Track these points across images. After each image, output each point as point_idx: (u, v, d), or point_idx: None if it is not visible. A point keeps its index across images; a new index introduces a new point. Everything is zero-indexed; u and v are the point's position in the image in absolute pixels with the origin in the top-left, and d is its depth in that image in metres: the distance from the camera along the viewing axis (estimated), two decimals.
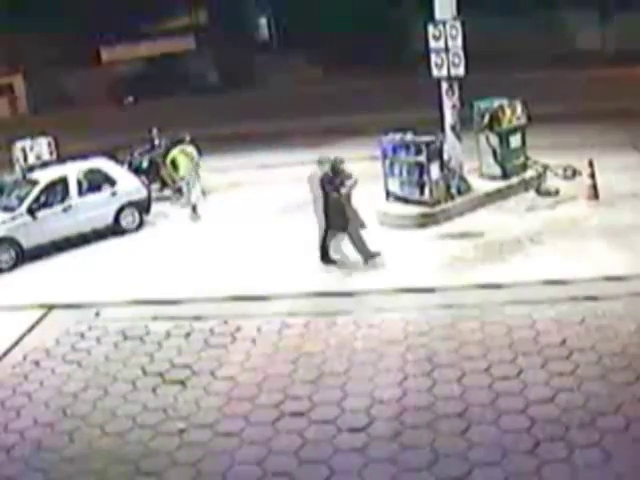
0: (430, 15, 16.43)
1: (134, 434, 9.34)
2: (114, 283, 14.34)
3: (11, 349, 11.91)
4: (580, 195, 16.25)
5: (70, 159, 18.10)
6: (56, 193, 16.81)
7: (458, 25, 16.02)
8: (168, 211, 19.15)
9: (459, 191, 16.32)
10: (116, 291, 13.88)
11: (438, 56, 16.21)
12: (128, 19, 39.62)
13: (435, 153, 15.83)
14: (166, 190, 20.21)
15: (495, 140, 17.30)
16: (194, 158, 19.00)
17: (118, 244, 16.96)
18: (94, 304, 13.29)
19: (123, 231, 17.53)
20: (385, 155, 16.44)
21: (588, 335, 10.40)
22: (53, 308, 13.33)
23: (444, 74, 16.22)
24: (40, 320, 12.91)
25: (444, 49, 16.06)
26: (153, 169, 20.29)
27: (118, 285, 14.21)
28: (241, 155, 24.22)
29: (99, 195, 17.38)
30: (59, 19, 37.53)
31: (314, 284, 13.14)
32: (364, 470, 8.20)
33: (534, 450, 8.16)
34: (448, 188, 16.09)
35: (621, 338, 10.22)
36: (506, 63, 31.33)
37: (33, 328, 12.63)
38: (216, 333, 11.70)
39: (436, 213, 15.76)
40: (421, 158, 15.79)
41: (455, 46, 15.98)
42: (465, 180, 16.66)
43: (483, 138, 17.44)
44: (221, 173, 20.80)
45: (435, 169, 15.78)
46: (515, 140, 17.45)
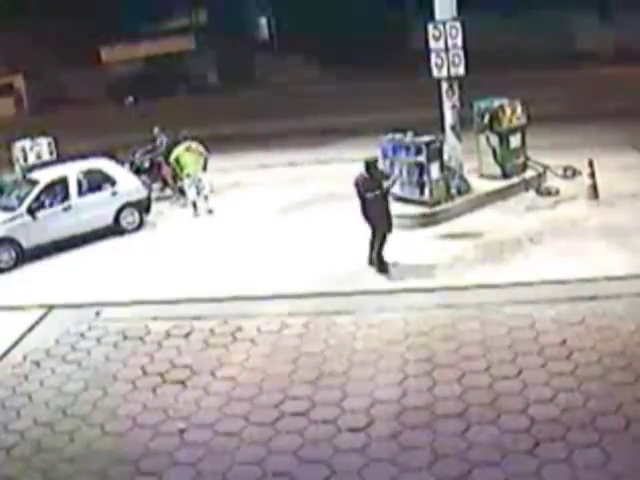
0: (430, 15, 16.45)
1: (134, 434, 9.34)
2: (114, 283, 14.34)
3: (11, 349, 11.91)
4: (580, 195, 16.25)
5: (70, 159, 18.12)
6: (56, 193, 16.81)
7: (458, 25, 16.03)
8: (168, 211, 19.15)
9: (459, 191, 16.33)
10: (116, 291, 13.89)
11: (438, 56, 16.21)
12: (128, 19, 39.64)
13: (435, 153, 15.83)
14: (167, 190, 20.22)
15: (495, 140, 17.30)
16: (202, 154, 18.95)
17: (118, 244, 16.96)
18: (94, 304, 13.28)
19: (123, 231, 17.53)
20: (385, 155, 16.44)
21: (588, 335, 10.39)
22: (53, 308, 13.32)
23: (444, 74, 16.22)
24: (40, 320, 12.90)
25: (444, 49, 16.07)
26: (154, 169, 20.30)
27: (118, 285, 14.21)
28: (241, 155, 24.22)
29: (99, 195, 17.37)
30: (59, 19, 37.56)
31: (314, 284, 13.14)
32: (364, 470, 8.20)
33: (534, 450, 8.16)
34: (448, 188, 16.10)
35: (621, 338, 10.21)
36: (506, 63, 31.36)
37: (33, 328, 12.62)
38: (216, 333, 11.69)
39: (436, 213, 15.76)
40: (421, 158, 15.80)
41: (455, 46, 15.99)
42: (465, 180, 16.66)
43: (483, 138, 17.44)
44: (221, 173, 20.77)
45: (435, 169, 15.79)
46: (515, 140, 17.45)
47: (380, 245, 13.36)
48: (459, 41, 15.98)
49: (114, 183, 17.58)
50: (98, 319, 12.71)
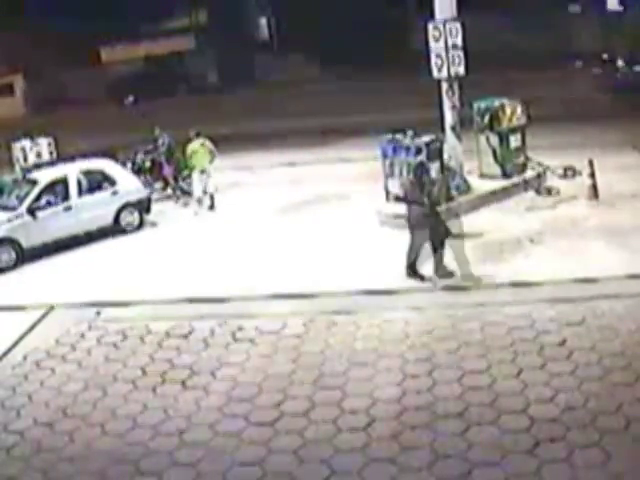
0: (430, 15, 16.44)
1: (134, 434, 9.34)
2: (114, 283, 14.33)
3: (11, 349, 11.90)
4: (580, 195, 16.26)
5: (70, 159, 18.11)
6: (56, 193, 16.81)
7: (458, 25, 16.03)
8: (169, 211, 19.15)
9: (459, 191, 16.32)
10: (116, 291, 13.87)
11: (438, 56, 16.20)
12: (128, 19, 39.63)
13: (435, 153, 15.83)
14: (168, 189, 20.23)
15: (495, 140, 17.30)
16: (212, 152, 19.03)
17: (118, 244, 16.95)
18: (94, 304, 13.28)
19: (123, 231, 17.52)
20: (385, 155, 16.44)
21: (588, 335, 10.39)
22: (53, 308, 13.32)
23: (444, 74, 16.21)
24: (40, 320, 12.89)
25: (444, 49, 16.06)
26: (155, 168, 20.31)
27: (118, 285, 14.20)
28: (241, 155, 24.20)
29: (99, 195, 17.36)
30: (59, 19, 37.55)
31: (314, 284, 13.14)
32: (364, 470, 8.20)
33: (534, 450, 8.16)
34: (448, 188, 16.09)
35: (621, 338, 10.22)
36: (506, 63, 31.35)
37: (33, 328, 12.62)
38: (216, 333, 11.69)
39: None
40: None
41: (455, 46, 15.97)
42: (465, 180, 16.66)
43: (483, 138, 17.44)
44: (220, 173, 20.75)
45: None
46: (515, 140, 17.45)
47: (416, 254, 12.67)
48: (459, 41, 15.98)
49: (114, 183, 17.57)
50: (98, 319, 12.71)
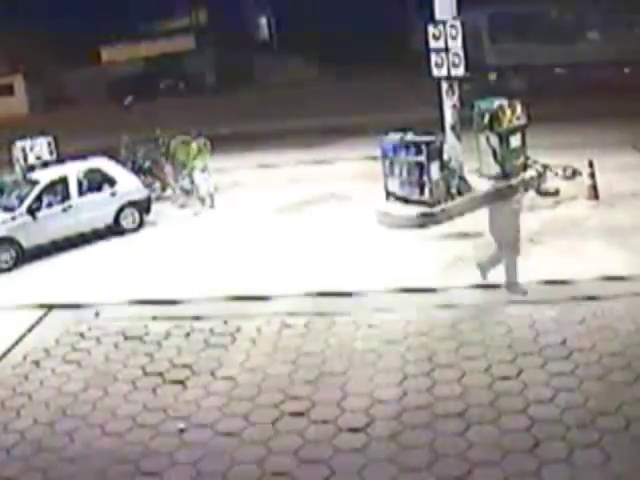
0: (430, 15, 16.44)
1: (134, 434, 9.34)
2: (114, 283, 14.33)
3: (11, 349, 11.90)
4: (580, 195, 16.25)
5: (70, 159, 18.12)
6: (56, 193, 16.81)
7: (458, 25, 16.03)
8: (169, 211, 19.15)
9: (459, 191, 16.33)
10: (116, 291, 13.88)
11: (438, 56, 16.21)
12: (128, 19, 39.66)
13: (435, 153, 15.84)
14: (168, 190, 20.22)
15: (495, 140, 17.30)
16: (209, 152, 19.27)
17: (118, 244, 16.96)
18: (94, 304, 13.28)
19: (123, 231, 17.53)
20: (385, 155, 16.45)
21: (588, 335, 10.39)
22: (53, 308, 13.32)
23: (444, 74, 16.22)
24: (40, 320, 12.90)
25: (444, 49, 16.06)
26: (156, 168, 20.30)
27: (118, 285, 14.20)
28: (240, 155, 24.22)
29: (99, 195, 17.37)
30: (59, 19, 37.57)
31: (314, 284, 13.14)
32: (364, 470, 8.20)
33: (534, 450, 8.16)
34: (448, 188, 16.10)
35: (621, 338, 10.22)
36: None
37: (33, 328, 12.62)
38: (216, 333, 11.69)
39: (436, 213, 15.76)
40: (421, 158, 15.80)
41: (455, 46, 15.98)
42: (465, 180, 16.66)
43: (483, 138, 17.45)
44: (220, 173, 20.77)
45: (435, 169, 15.79)
46: (515, 140, 17.46)
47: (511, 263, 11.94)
48: (459, 41, 15.98)
49: (114, 183, 17.58)
50: (98, 319, 12.71)
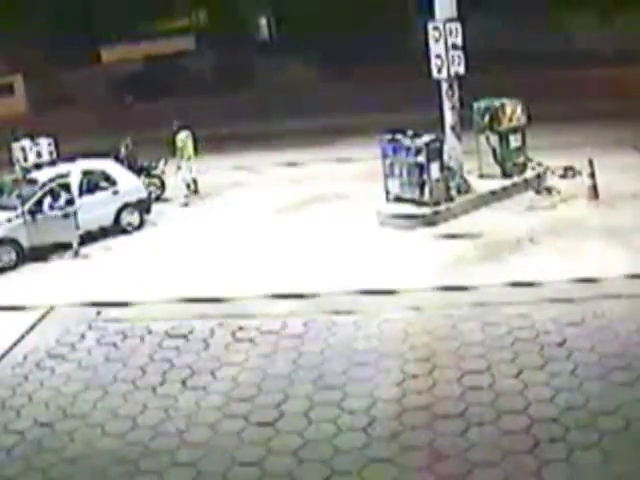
0: (430, 15, 16.43)
1: (134, 434, 9.34)
2: (114, 283, 14.34)
3: (11, 349, 11.91)
4: (580, 195, 16.25)
5: (70, 159, 18.11)
6: (57, 193, 16.77)
7: (458, 25, 16.02)
8: (168, 211, 19.14)
9: (459, 191, 16.33)
10: (116, 291, 13.88)
11: (438, 57, 16.19)
12: (128, 19, 39.65)
13: (435, 153, 15.84)
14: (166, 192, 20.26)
15: (495, 140, 17.31)
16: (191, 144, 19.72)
17: (118, 244, 16.96)
18: (94, 304, 13.28)
19: (123, 231, 17.53)
20: (385, 155, 16.45)
21: (588, 335, 10.40)
22: (53, 308, 13.33)
23: (444, 74, 16.20)
24: (40, 320, 12.91)
25: (444, 49, 16.05)
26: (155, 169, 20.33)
27: (118, 285, 14.20)
28: (241, 155, 24.21)
29: (99, 195, 17.37)
30: (59, 19, 37.56)
31: (314, 284, 13.14)
32: (364, 470, 8.20)
33: (534, 450, 8.17)
34: (448, 188, 16.10)
35: (621, 338, 10.22)
36: (506, 63, 31.31)
37: (33, 328, 12.63)
38: (216, 333, 11.69)
39: (436, 213, 15.76)
40: (421, 158, 15.80)
41: (455, 46, 15.96)
42: (465, 180, 16.67)
43: (483, 138, 17.45)
44: (220, 173, 20.79)
45: (435, 169, 15.79)
46: (515, 140, 17.46)
47: None
48: (459, 41, 15.98)
49: (114, 183, 17.58)
50: (98, 319, 12.72)
